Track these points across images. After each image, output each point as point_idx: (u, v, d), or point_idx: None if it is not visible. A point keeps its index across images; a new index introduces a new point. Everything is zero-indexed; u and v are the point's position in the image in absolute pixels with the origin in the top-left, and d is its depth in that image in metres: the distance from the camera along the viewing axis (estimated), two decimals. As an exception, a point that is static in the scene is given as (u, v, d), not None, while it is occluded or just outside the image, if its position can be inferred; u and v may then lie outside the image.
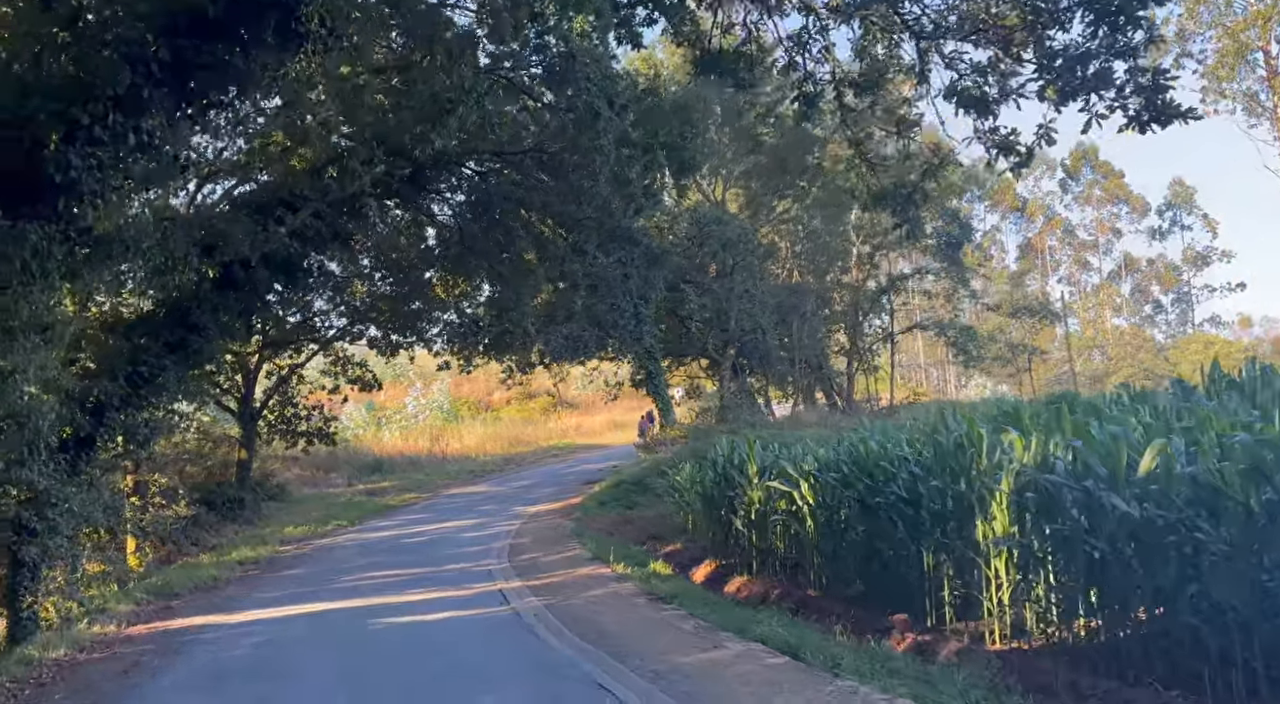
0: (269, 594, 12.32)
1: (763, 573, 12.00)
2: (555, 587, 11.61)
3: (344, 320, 24.79)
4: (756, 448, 12.22)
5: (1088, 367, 65.09)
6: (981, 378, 65.98)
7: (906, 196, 6.42)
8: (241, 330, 17.20)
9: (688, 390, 33.28)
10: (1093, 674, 6.76)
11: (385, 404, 47.31)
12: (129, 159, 6.19)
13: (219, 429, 24.90)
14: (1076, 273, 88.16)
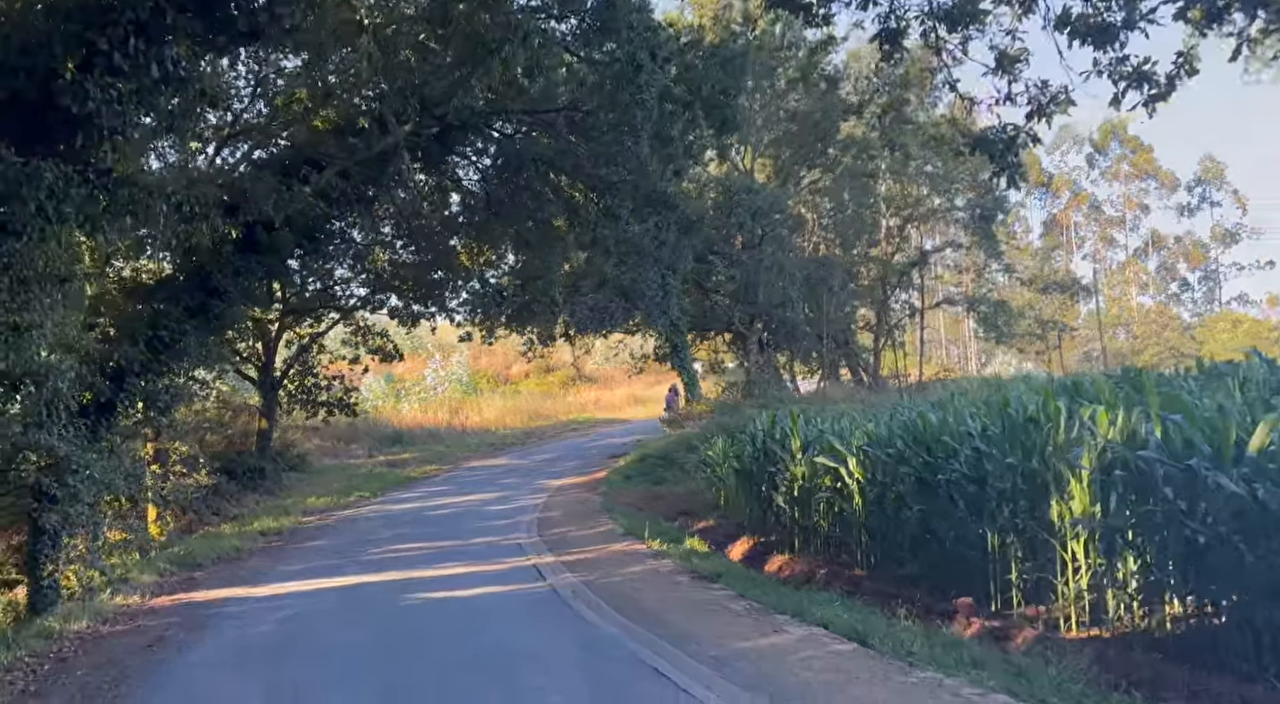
0: (294, 566, 11.97)
1: (805, 551, 11.55)
2: (590, 563, 11.19)
3: (365, 289, 24.36)
4: (800, 422, 11.70)
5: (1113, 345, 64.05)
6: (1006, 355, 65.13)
7: (1009, 141, 5.80)
8: (263, 295, 16.78)
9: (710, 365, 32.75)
10: (1186, 666, 6.26)
11: (404, 376, 47.05)
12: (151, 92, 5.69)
13: (239, 398, 24.60)
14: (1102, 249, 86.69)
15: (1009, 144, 5.83)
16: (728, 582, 9.40)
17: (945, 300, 34.73)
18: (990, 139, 5.89)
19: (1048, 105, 5.67)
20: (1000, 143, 5.83)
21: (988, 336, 35.76)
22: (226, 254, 14.17)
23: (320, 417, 25.68)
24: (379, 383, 41.23)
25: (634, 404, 47.64)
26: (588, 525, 14.85)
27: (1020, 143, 5.81)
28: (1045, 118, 5.76)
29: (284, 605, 9.32)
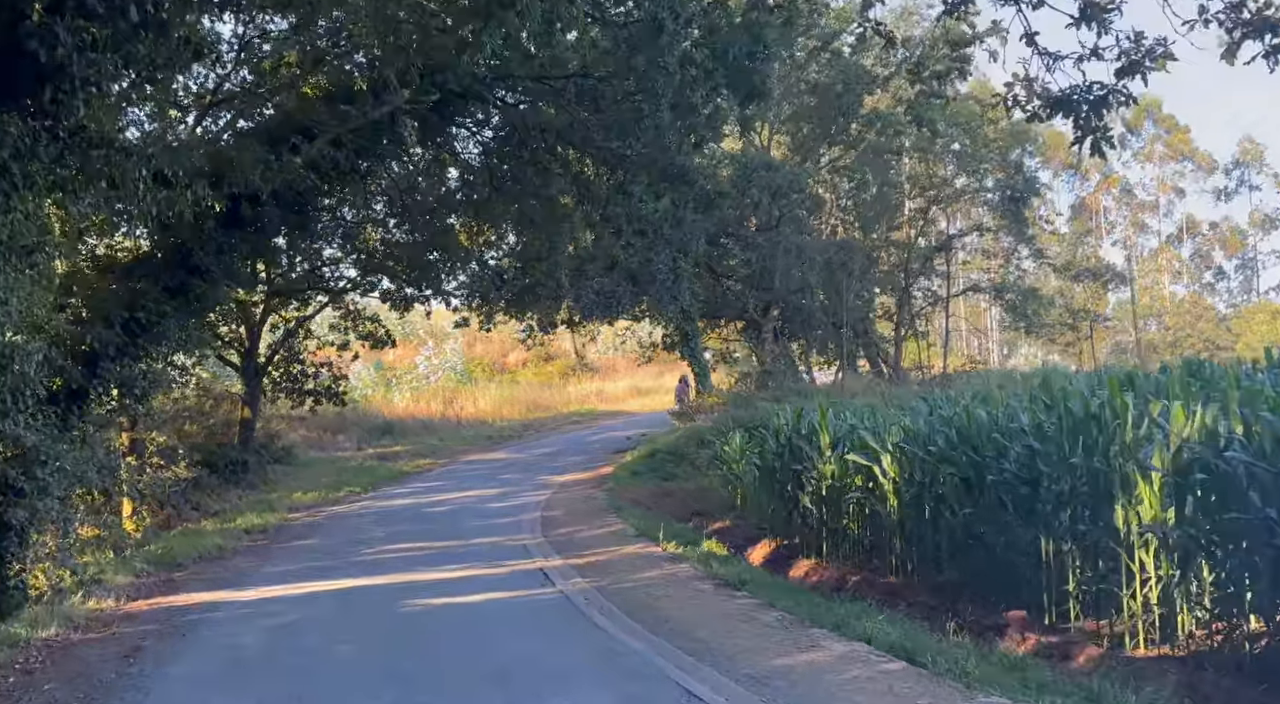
0: (282, 567, 11.68)
1: (833, 556, 11.27)
2: (602, 566, 10.90)
3: (356, 271, 24.03)
4: (829, 416, 11.38)
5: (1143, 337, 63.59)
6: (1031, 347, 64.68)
7: (1097, 101, 5.40)
8: (247, 275, 16.45)
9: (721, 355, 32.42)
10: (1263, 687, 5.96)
11: (394, 364, 46.76)
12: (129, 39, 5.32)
13: (220, 386, 24.31)
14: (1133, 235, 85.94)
15: (1096, 105, 5.44)
16: (753, 589, 9.10)
17: (971, 288, 34.31)
18: (1072, 99, 5.49)
19: (1143, 60, 5.29)
20: (1085, 104, 5.45)
21: (1015, 327, 35.38)
22: (209, 230, 13.80)
23: (307, 406, 25.38)
24: (368, 371, 40.94)
25: (638, 395, 47.37)
26: (596, 525, 14.56)
27: (1111, 103, 5.42)
28: (1141, 74, 5.37)
29: (273, 611, 9.02)
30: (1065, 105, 5.61)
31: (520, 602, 9.12)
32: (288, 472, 22.84)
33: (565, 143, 14.27)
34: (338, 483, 20.87)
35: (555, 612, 8.60)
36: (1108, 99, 5.48)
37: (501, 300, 23.50)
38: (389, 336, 25.97)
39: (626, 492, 18.40)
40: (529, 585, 9.92)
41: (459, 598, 9.29)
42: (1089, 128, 5.63)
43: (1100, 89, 5.51)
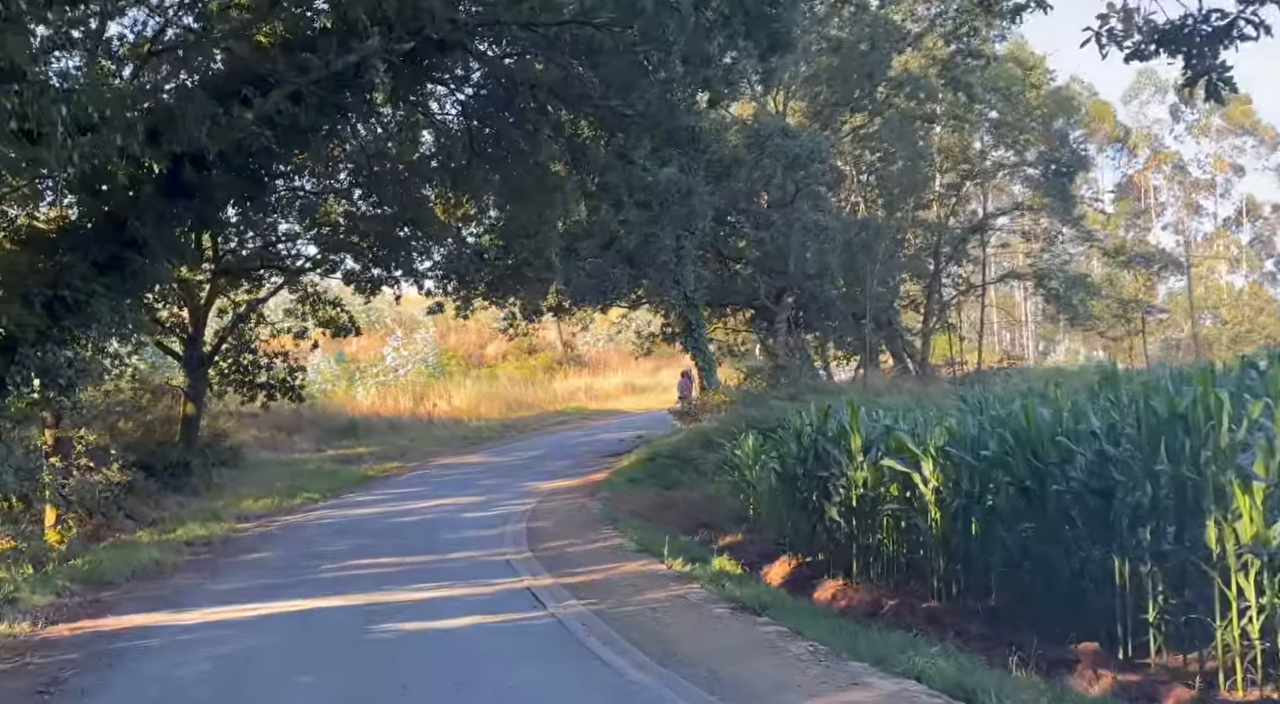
0: (229, 585, 11.30)
1: (863, 576, 10.93)
2: (600, 587, 10.55)
3: (315, 248, 23.65)
4: (861, 415, 11.04)
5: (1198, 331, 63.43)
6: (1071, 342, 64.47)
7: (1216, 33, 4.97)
8: (191, 251, 16.01)
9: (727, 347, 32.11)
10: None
11: (358, 356, 46.30)
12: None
13: (160, 377, 23.87)
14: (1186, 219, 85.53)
15: (1213, 39, 5.03)
16: (776, 614, 8.76)
17: (1009, 274, 33.94)
18: (1184, 31, 5.08)
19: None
20: (1198, 36, 5.04)
21: (1057, 318, 35.08)
22: (146, 196, 13.35)
23: (259, 401, 24.95)
24: (328, 363, 40.53)
25: (633, 393, 47.06)
26: (589, 539, 14.24)
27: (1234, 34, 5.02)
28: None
29: (218, 638, 8.64)
30: (1175, 39, 5.22)
31: (508, 627, 8.77)
32: (236, 475, 22.41)
33: (557, 101, 13.87)
34: (293, 489, 20.48)
35: (548, 639, 8.25)
36: (1230, 30, 5.10)
37: (481, 283, 23.15)
38: (353, 324, 25.57)
39: (623, 501, 18.08)
40: (517, 608, 9.57)
41: (436, 622, 8.93)
42: (1203, 67, 5.25)
43: (1219, 19, 5.13)
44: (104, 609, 10.08)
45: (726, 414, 21.51)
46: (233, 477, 22.07)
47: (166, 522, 16.63)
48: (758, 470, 15.42)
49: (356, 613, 9.50)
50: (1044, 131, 32.66)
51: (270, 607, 9.91)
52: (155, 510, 18.01)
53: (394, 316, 53.30)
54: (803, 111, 29.77)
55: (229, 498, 18.96)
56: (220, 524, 16.07)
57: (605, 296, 21.43)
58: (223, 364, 23.93)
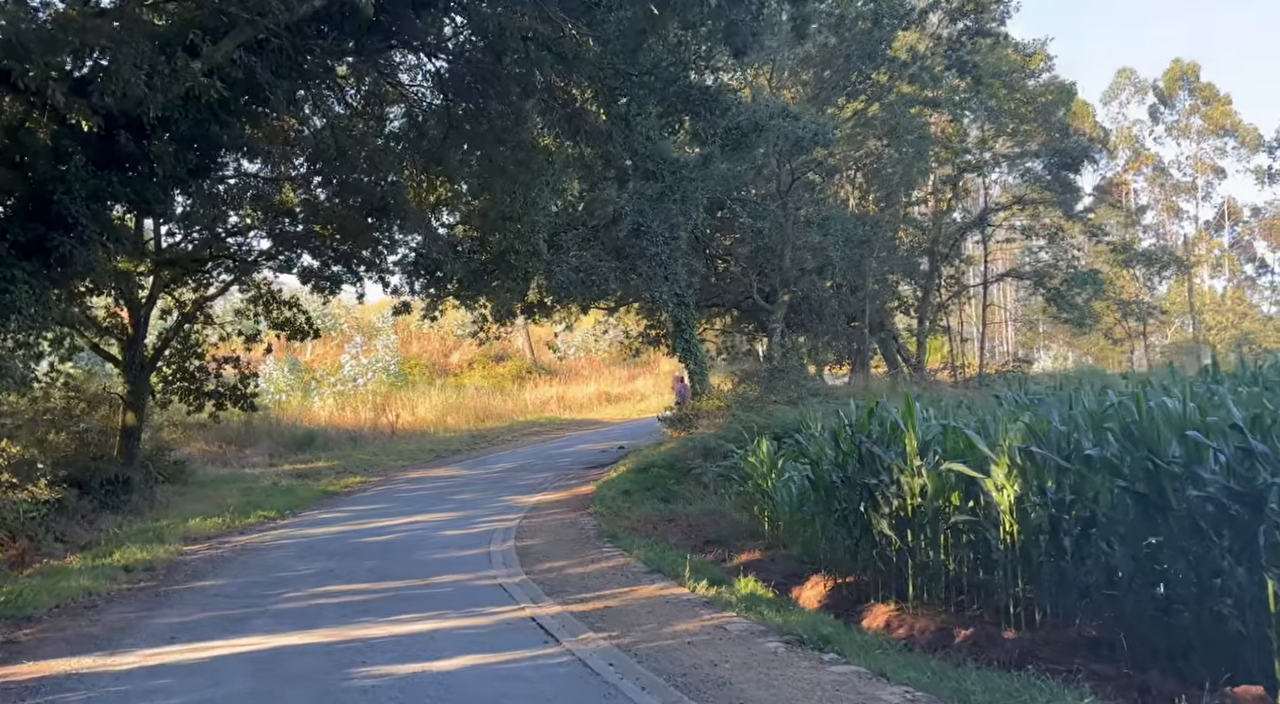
0: (174, 618, 9.82)
1: (921, 599, 9.67)
2: (617, 616, 9.22)
3: (268, 242, 22.07)
4: (917, 411, 9.80)
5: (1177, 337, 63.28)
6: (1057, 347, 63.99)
7: None
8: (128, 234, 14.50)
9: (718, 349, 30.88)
10: None
11: (313, 365, 44.65)
12: None
13: (95, 385, 22.18)
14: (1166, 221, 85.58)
15: None
16: (845, 649, 7.49)
17: (1011, 273, 32.98)
18: None
19: None
20: None
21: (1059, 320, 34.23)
22: (76, 168, 11.96)
23: (206, 411, 23.36)
24: (282, 372, 38.92)
25: (608, 403, 45.94)
26: (589, 559, 12.90)
27: None
28: None
29: (159, 689, 7.18)
30: None
31: (517, 670, 7.39)
32: (182, 492, 20.80)
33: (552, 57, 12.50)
34: (246, 506, 18.93)
35: (572, 686, 6.89)
36: None
37: (454, 278, 21.72)
38: (310, 326, 24.01)
39: (619, 516, 16.76)
40: (524, 643, 8.20)
41: (427, 665, 7.54)
42: None
43: None
44: (18, 653, 8.56)
45: (727, 421, 20.25)
46: (178, 493, 20.48)
47: (102, 545, 15.06)
48: (774, 480, 14.18)
49: (328, 653, 8.08)
50: (1043, 122, 31.85)
51: (223, 646, 8.45)
52: (89, 532, 16.40)
53: (351, 322, 51.77)
54: (794, 97, 28.64)
55: (174, 517, 17.37)
56: (164, 547, 14.51)
57: (590, 292, 20.10)
58: (167, 370, 22.36)
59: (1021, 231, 33.34)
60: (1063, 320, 33.13)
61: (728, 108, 12.84)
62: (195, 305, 22.04)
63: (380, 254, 21.06)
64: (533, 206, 16.11)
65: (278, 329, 23.96)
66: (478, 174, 16.62)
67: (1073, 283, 30.31)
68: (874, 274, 27.51)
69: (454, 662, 7.61)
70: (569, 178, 16.00)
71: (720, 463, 17.74)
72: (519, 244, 16.61)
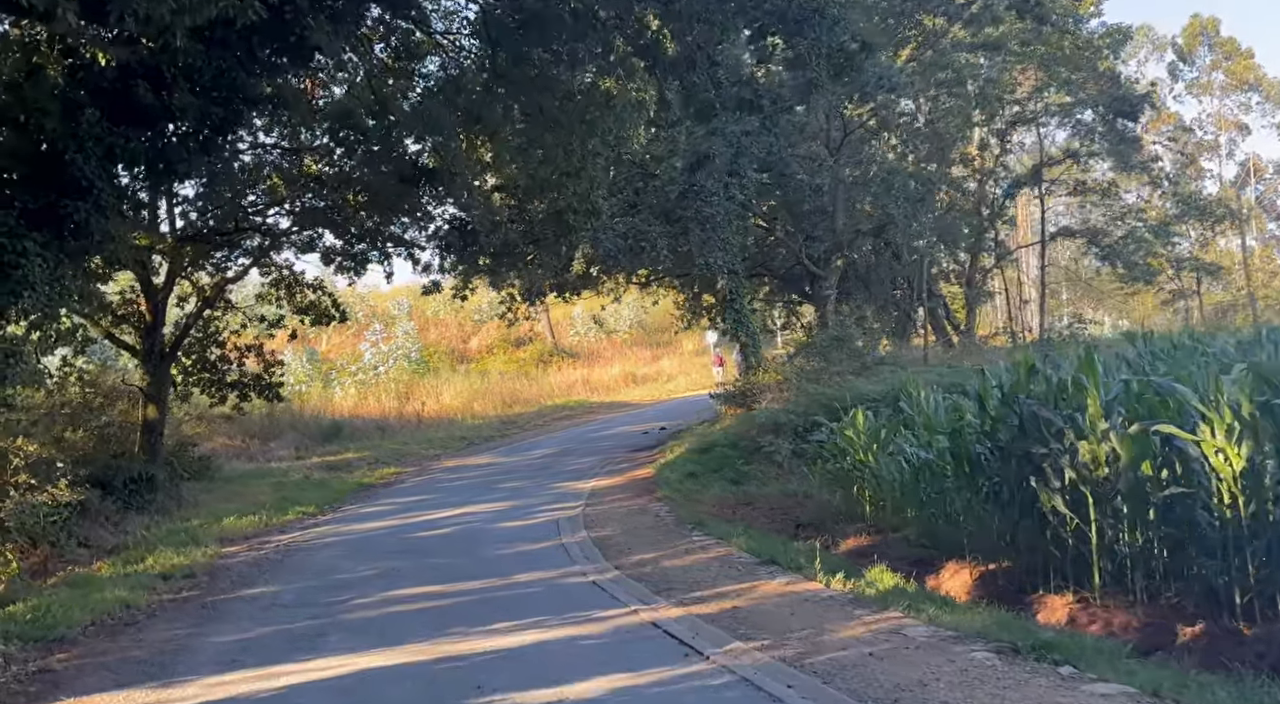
0: (230, 635, 8.45)
1: (1107, 589, 8.21)
2: (753, 619, 7.83)
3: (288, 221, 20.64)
4: (1098, 368, 8.34)
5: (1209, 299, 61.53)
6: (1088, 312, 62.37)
7: None
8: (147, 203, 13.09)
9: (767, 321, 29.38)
10: None
11: (330, 355, 43.31)
12: None
13: (112, 378, 20.82)
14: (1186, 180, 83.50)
15: None
16: (1076, 660, 6.07)
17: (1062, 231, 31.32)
18: None
19: None
20: None
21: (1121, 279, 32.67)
22: (89, 124, 10.52)
23: (230, 403, 22.02)
24: (300, 363, 37.50)
25: (632, 384, 44.63)
26: (680, 549, 11.52)
27: None
28: None
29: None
30: None
31: (675, 696, 6.01)
32: (209, 489, 19.46)
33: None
34: (282, 502, 17.59)
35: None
36: None
37: (490, 251, 20.27)
38: (337, 309, 22.62)
39: (690, 500, 15.40)
40: (661, 657, 6.81)
41: (563, 691, 6.15)
42: None
43: None
44: (54, 685, 7.17)
45: (793, 394, 18.84)
46: (205, 491, 19.12)
47: (131, 549, 13.71)
48: (877, 454, 12.77)
49: (429, 677, 6.70)
50: (1092, 73, 30.19)
51: (297, 671, 7.07)
52: (115, 535, 15.06)
53: (366, 311, 50.34)
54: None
55: (205, 517, 16.01)
56: (201, 549, 13.14)
57: (640, 259, 18.63)
58: (186, 360, 21.00)
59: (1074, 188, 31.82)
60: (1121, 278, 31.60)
61: (836, 22, 11.25)
62: (215, 289, 20.64)
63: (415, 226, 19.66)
64: (592, 158, 14.61)
65: (301, 314, 22.59)
66: (524, 131, 15.13)
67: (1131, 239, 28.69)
68: (928, 234, 25.98)
69: (591, 685, 6.22)
70: (634, 123, 14.50)
71: (803, 439, 16.34)
72: (577, 202, 15.12)
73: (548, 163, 14.61)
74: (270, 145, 19.07)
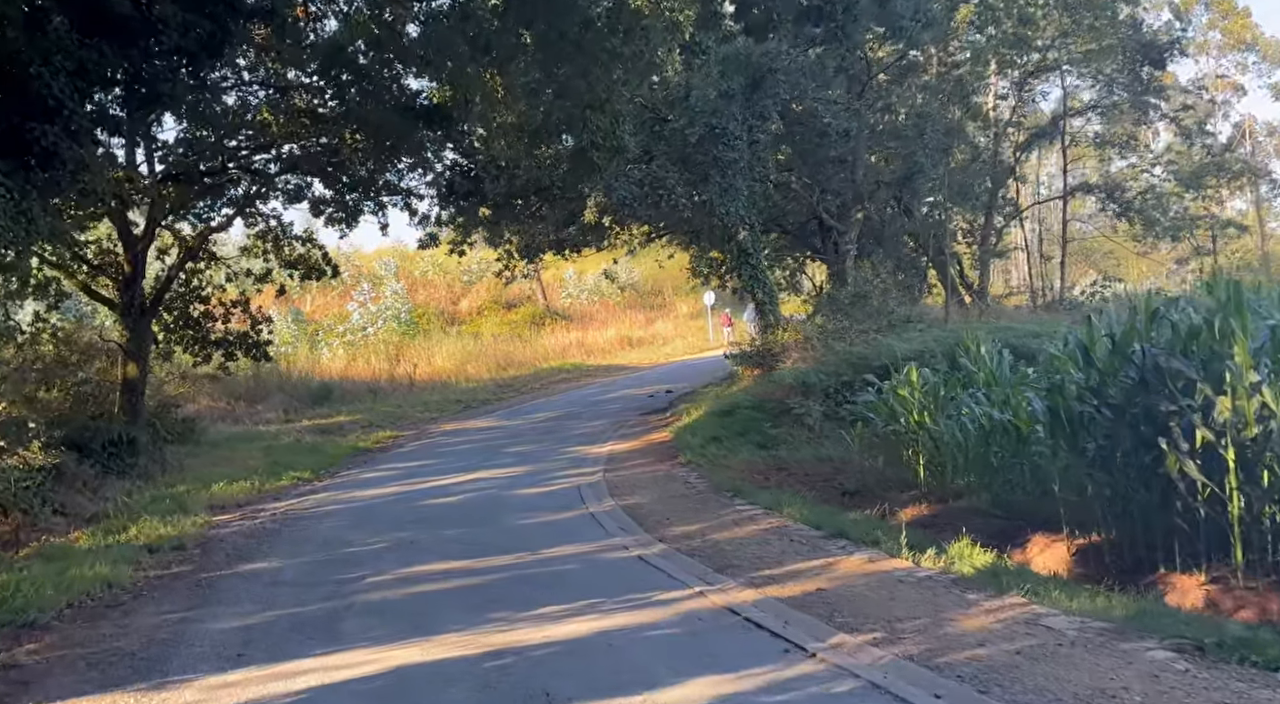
0: (230, 621, 7.25)
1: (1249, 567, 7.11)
2: (847, 604, 6.72)
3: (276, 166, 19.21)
4: (1246, 310, 7.19)
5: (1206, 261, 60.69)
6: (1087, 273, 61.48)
7: None
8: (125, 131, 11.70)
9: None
10: None
11: (315, 315, 41.88)
12: None
13: (88, 335, 19.45)
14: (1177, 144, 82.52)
15: None
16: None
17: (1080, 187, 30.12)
18: None
19: None
20: None
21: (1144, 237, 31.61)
22: (57, 35, 9.19)
23: (215, 363, 20.67)
24: (285, 323, 36.04)
25: (628, 347, 43.54)
26: (727, 519, 10.40)
27: None
28: None
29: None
30: None
31: None
32: (194, 453, 18.16)
33: None
34: (274, 467, 16.36)
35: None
36: None
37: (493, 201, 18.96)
38: (328, 262, 21.25)
39: (718, 466, 14.26)
40: (756, 654, 5.68)
41: (651, 698, 4.98)
42: None
43: None
44: (20, 685, 5.96)
45: (820, 353, 17.68)
46: (190, 455, 17.83)
47: (112, 517, 12.49)
48: (934, 414, 11.65)
49: (482, 678, 5.53)
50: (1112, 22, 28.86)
51: (316, 668, 5.89)
52: (94, 502, 13.80)
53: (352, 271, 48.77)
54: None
55: (192, 482, 14.76)
56: (190, 518, 11.91)
57: (658, 208, 17.35)
58: (168, 316, 19.62)
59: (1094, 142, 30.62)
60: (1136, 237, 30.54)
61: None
62: (198, 240, 19.23)
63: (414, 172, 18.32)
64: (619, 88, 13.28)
65: (290, 268, 21.23)
66: (540, 62, 13.77)
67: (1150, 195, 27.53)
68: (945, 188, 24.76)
69: (685, 692, 5.07)
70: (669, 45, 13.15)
71: (836, 400, 15.22)
72: (601, 138, 13.80)
73: (566, 97, 13.27)
74: (258, 82, 17.63)
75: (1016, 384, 11.01)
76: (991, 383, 11.44)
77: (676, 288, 54.16)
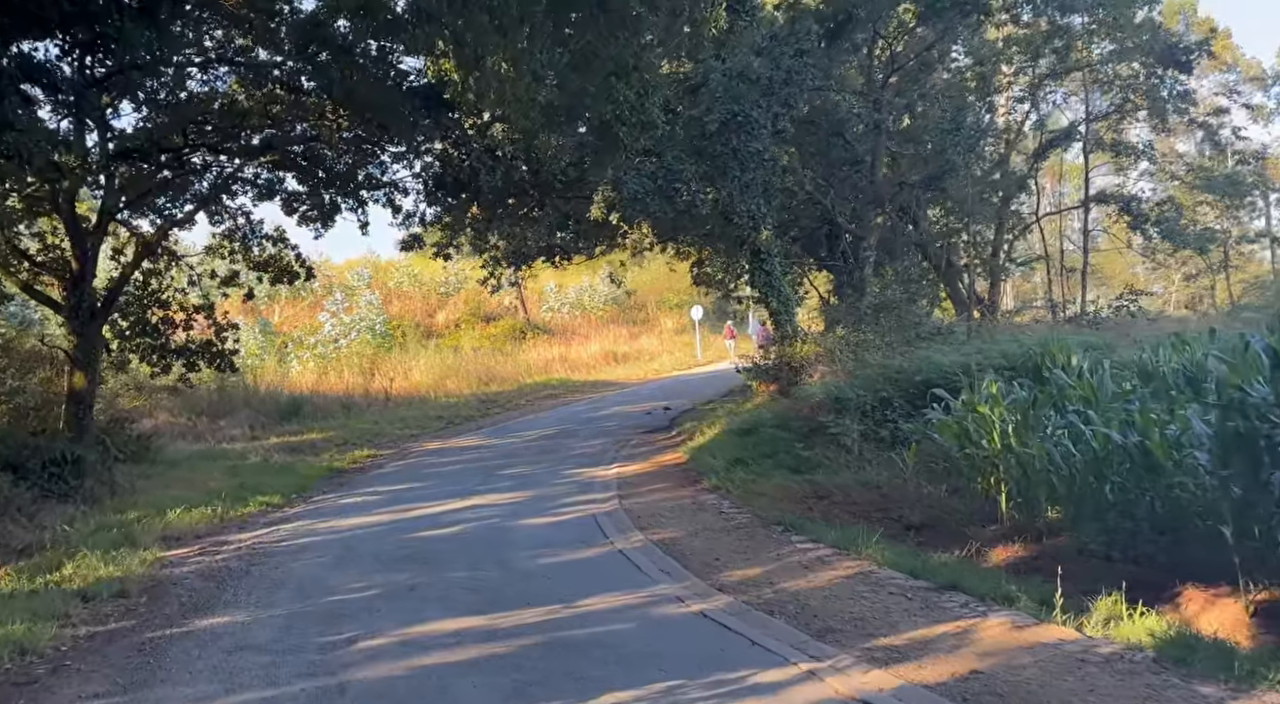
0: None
1: None
2: (1015, 694, 4.94)
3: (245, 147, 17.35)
4: None
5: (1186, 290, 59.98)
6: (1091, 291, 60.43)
7: None
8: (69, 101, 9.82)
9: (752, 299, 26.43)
10: None
11: (284, 327, 39.82)
12: None
13: (28, 342, 17.49)
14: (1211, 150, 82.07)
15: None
16: None
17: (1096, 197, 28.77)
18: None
19: None
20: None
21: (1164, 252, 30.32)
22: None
23: (175, 373, 18.76)
24: (252, 334, 33.99)
25: (613, 362, 41.79)
26: (788, 561, 8.69)
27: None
28: None
29: None
30: None
31: None
32: (149, 474, 16.11)
33: None
34: (239, 490, 14.39)
35: None
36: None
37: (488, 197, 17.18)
38: (301, 264, 19.44)
39: (750, 493, 12.53)
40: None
41: None
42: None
43: None
44: None
45: (848, 367, 15.98)
46: (145, 476, 15.77)
47: (48, 550, 10.62)
48: (1019, 439, 9.95)
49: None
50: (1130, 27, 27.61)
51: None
52: (28, 531, 11.88)
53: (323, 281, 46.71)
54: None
55: (144, 508, 12.79)
56: (137, 554, 9.98)
57: (673, 203, 15.64)
58: (123, 322, 17.74)
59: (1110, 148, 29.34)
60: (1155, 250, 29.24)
61: None
62: (158, 235, 17.31)
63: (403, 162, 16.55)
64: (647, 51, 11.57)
65: (259, 270, 19.41)
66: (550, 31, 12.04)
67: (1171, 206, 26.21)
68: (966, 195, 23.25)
69: None
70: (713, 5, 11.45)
71: (884, 417, 13.54)
72: (628, 112, 12.07)
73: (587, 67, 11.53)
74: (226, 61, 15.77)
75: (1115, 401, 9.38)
76: (1092, 400, 9.78)
77: (660, 302, 52.63)
